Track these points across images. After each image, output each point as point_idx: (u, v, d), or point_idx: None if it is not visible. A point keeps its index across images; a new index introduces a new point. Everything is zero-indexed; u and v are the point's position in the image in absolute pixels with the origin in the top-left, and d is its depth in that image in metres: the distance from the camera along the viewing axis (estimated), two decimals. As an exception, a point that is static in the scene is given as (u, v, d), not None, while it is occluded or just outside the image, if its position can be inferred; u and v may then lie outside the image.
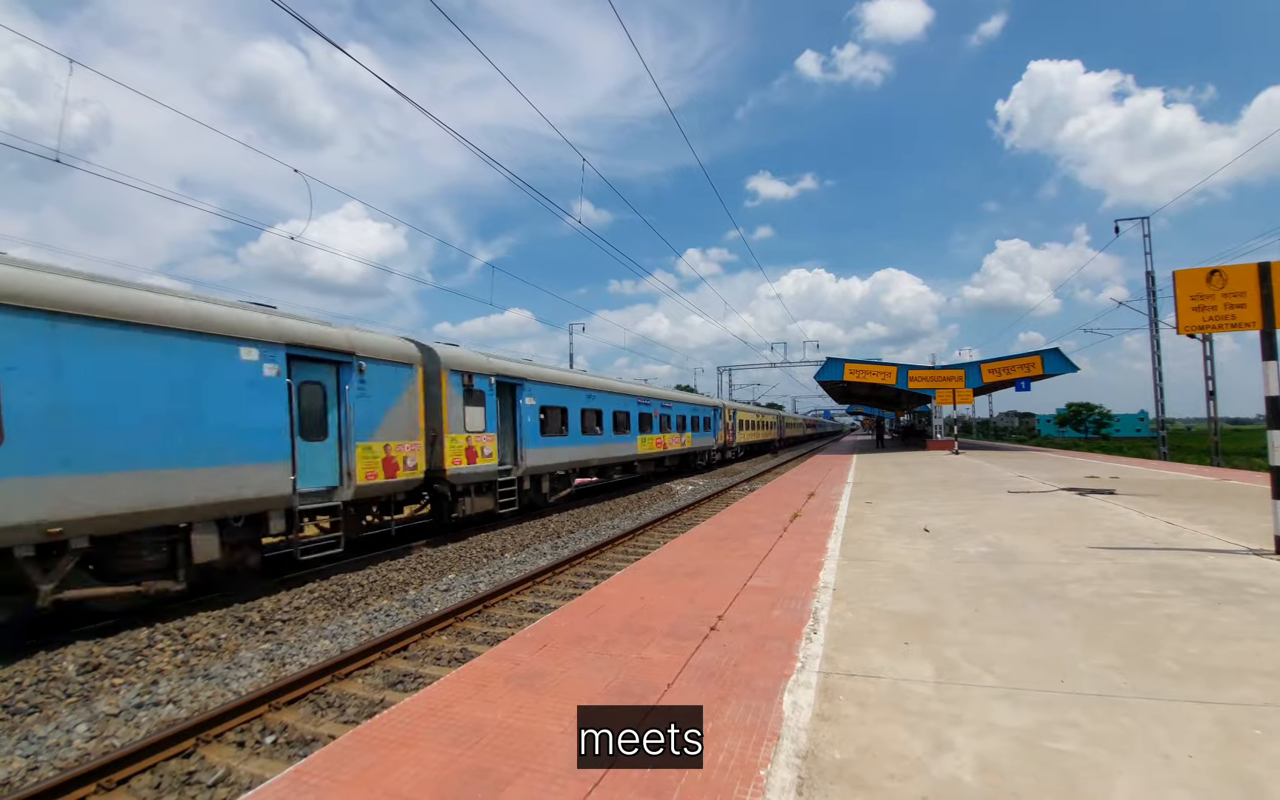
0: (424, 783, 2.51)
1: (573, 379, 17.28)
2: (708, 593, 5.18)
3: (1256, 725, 2.68)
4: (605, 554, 10.68)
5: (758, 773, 2.48)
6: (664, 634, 4.20)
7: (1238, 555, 5.81)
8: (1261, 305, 5.73)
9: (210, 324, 7.51)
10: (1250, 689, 3.02)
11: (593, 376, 20.02)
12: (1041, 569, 5.52)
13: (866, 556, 6.31)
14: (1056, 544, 6.56)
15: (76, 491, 6.15)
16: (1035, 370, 26.42)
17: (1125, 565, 5.55)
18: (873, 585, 5.19)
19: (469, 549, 10.93)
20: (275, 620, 7.10)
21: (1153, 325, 25.26)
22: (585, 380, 18.28)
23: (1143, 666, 3.33)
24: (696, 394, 35.36)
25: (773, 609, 4.63)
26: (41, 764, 4.28)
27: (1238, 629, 3.84)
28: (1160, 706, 2.88)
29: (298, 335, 8.63)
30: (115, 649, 6.06)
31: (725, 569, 6.01)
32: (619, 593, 5.35)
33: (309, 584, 8.46)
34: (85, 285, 6.43)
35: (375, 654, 6.02)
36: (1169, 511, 8.57)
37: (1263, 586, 4.74)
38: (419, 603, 7.95)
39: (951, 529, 7.70)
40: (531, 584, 8.63)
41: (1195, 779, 2.32)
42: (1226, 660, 3.38)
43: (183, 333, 7.19)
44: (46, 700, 5.14)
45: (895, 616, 4.34)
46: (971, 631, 3.98)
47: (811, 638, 3.99)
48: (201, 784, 4.04)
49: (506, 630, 6.75)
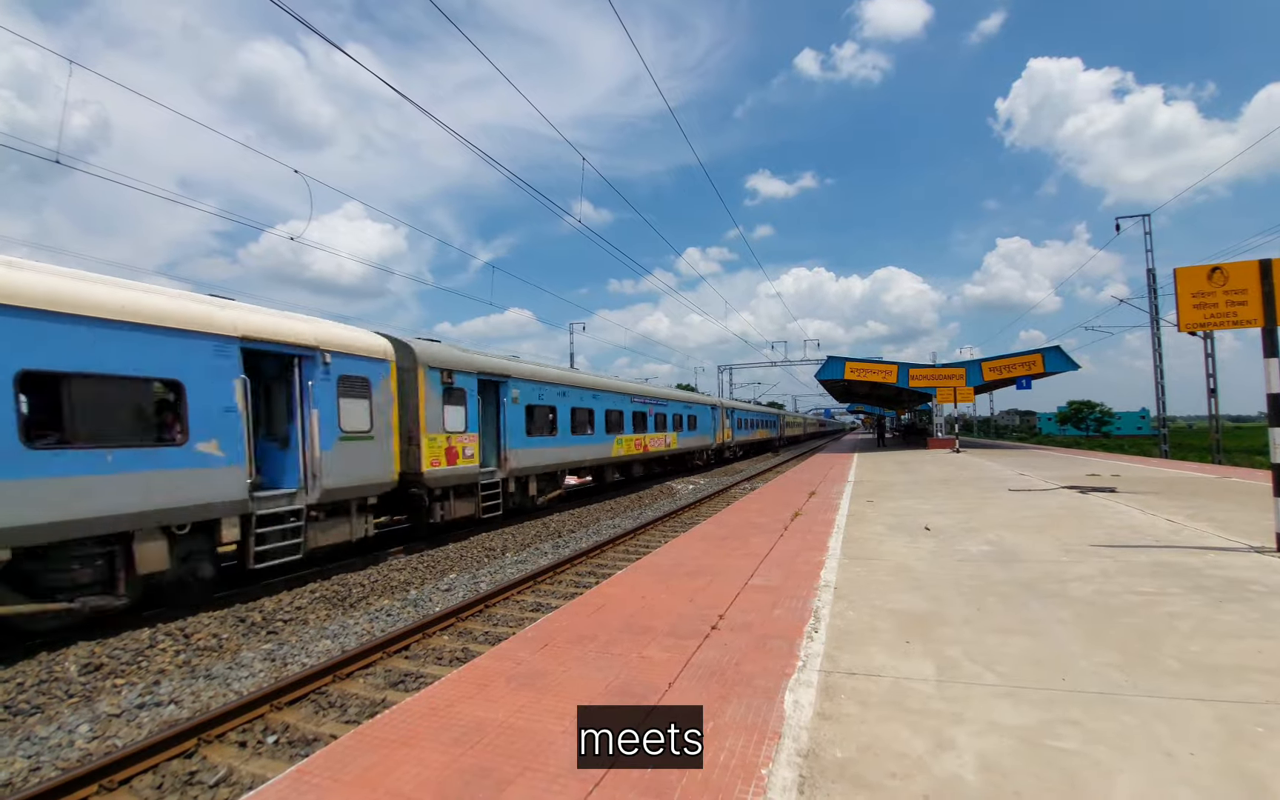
0: (426, 782, 2.51)
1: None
2: (709, 592, 5.18)
3: (1259, 723, 2.67)
4: (606, 553, 10.68)
5: (759, 772, 2.47)
6: (665, 633, 4.20)
7: (1239, 553, 5.80)
8: (1263, 302, 5.72)
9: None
10: (1252, 687, 3.02)
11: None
12: (1043, 567, 5.51)
13: (868, 555, 6.30)
14: (1058, 542, 6.55)
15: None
16: (1036, 368, 26.41)
17: (1127, 563, 5.54)
18: (874, 584, 5.19)
19: (470, 549, 10.94)
20: (277, 620, 7.10)
21: (1154, 323, 25.24)
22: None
23: (1144, 664, 3.32)
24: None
25: (774, 608, 4.63)
26: (44, 764, 4.28)
27: (1240, 627, 3.84)
28: (1162, 704, 2.87)
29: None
30: (117, 649, 6.06)
31: (726, 568, 6.01)
32: (620, 592, 5.35)
33: (310, 584, 8.46)
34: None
35: (377, 654, 6.03)
36: (1170, 509, 8.56)
37: (1264, 584, 4.73)
38: (420, 602, 7.96)
39: (953, 527, 7.69)
40: (533, 583, 8.63)
41: (1198, 777, 2.31)
42: (1228, 658, 3.37)
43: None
44: (48, 700, 5.14)
45: (897, 615, 4.34)
46: (973, 630, 3.98)
47: (813, 636, 3.98)
48: (203, 784, 4.04)
49: (508, 629, 6.75)
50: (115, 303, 6.65)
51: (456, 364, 11.99)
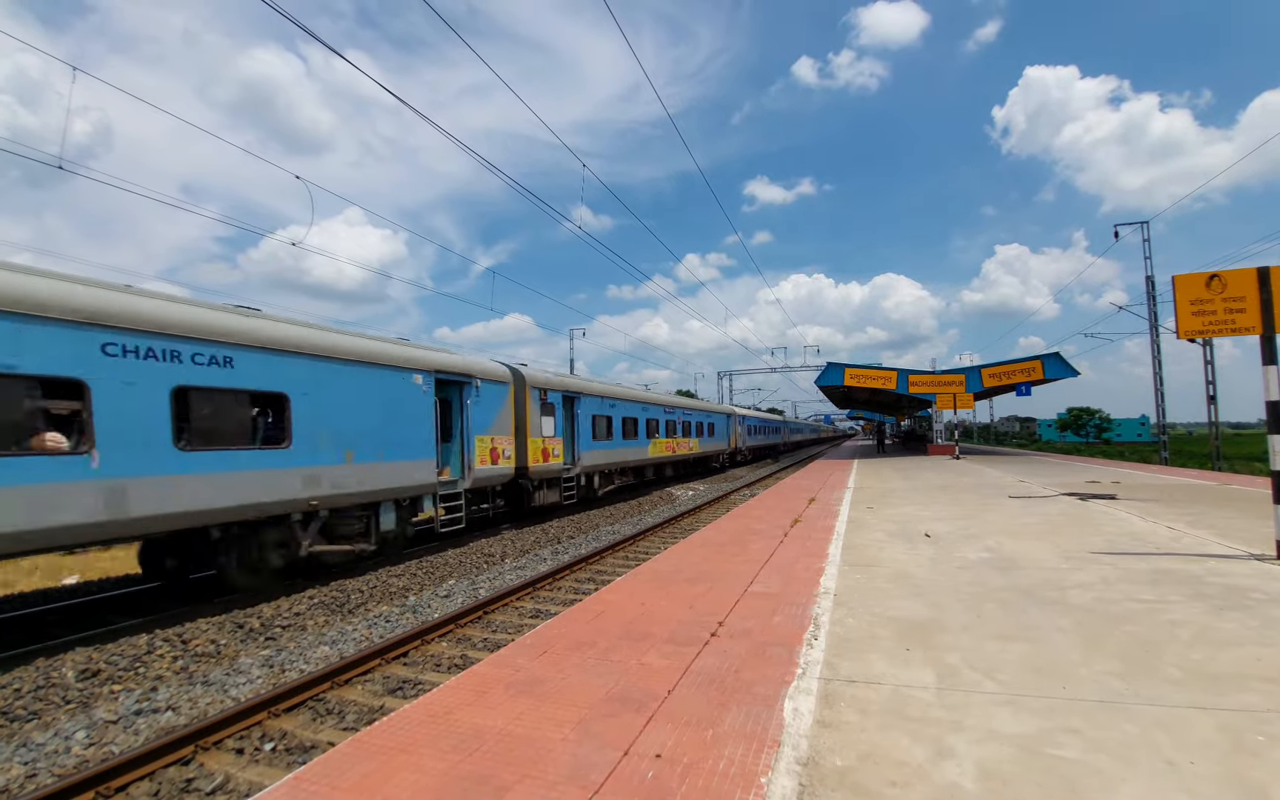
0: (424, 789, 2.50)
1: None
2: (708, 598, 5.17)
3: (1260, 732, 2.66)
4: (606, 559, 10.65)
5: (758, 779, 2.47)
6: (664, 640, 4.19)
7: (1239, 560, 5.79)
8: (1261, 310, 5.73)
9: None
10: (1253, 695, 3.01)
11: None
12: (1043, 575, 5.50)
13: (867, 562, 6.29)
14: (1058, 549, 6.54)
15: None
16: (1036, 375, 26.40)
17: (1127, 571, 5.53)
18: (874, 591, 5.18)
19: (469, 555, 10.92)
20: (275, 626, 7.08)
21: (1153, 330, 25.26)
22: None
23: (1145, 673, 3.32)
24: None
25: (773, 615, 4.62)
26: (40, 771, 4.26)
27: (1240, 635, 3.83)
28: (1163, 713, 2.87)
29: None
30: (114, 655, 6.04)
31: (726, 574, 6.00)
32: (619, 599, 5.33)
33: (309, 590, 8.45)
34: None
35: (375, 660, 6.01)
36: (1170, 516, 8.55)
37: (1265, 592, 4.72)
38: (419, 609, 7.94)
39: (952, 534, 7.68)
40: (532, 590, 8.61)
41: (1199, 786, 2.30)
42: (1229, 666, 3.36)
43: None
44: (45, 707, 5.12)
45: (896, 622, 4.33)
46: (973, 637, 3.97)
47: (812, 644, 3.98)
48: (200, 791, 4.02)
49: (507, 636, 6.73)
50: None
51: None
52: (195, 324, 7.49)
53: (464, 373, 12.08)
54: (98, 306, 6.51)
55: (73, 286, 6.41)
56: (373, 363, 9.84)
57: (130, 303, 6.87)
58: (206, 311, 7.80)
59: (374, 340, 10.27)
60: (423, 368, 10.90)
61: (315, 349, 8.90)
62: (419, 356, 10.95)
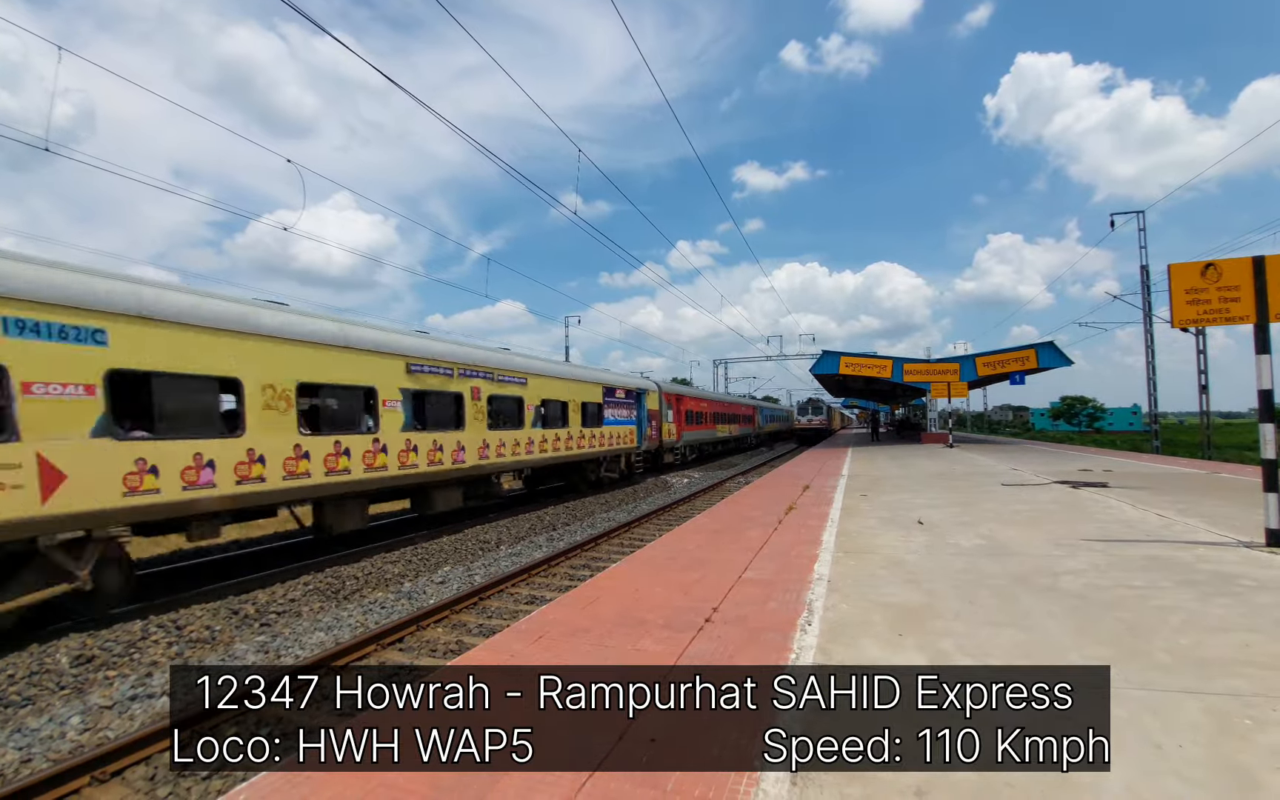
0: (420, 773, 2.51)
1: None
2: (703, 585, 5.19)
3: (1247, 715, 2.70)
4: (601, 546, 10.68)
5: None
6: (659, 626, 4.20)
7: (1229, 548, 5.85)
8: (1255, 299, 5.75)
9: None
10: (1240, 679, 3.05)
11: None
12: (1035, 561, 5.55)
13: (861, 549, 6.33)
14: (1050, 536, 6.60)
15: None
16: (1029, 364, 26.51)
17: (1118, 557, 5.59)
18: (867, 577, 5.21)
19: (464, 541, 10.92)
20: (270, 612, 7.08)
21: (1146, 319, 25.37)
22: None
23: (1135, 657, 3.35)
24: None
25: (768, 601, 4.65)
26: (34, 756, 4.26)
27: (1229, 620, 3.88)
28: (1152, 697, 2.90)
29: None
30: (109, 641, 6.03)
31: (720, 561, 6.02)
32: (615, 585, 5.35)
33: (304, 576, 8.44)
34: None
35: (370, 645, 6.01)
36: (1161, 504, 8.64)
37: (1253, 578, 4.78)
38: (414, 595, 7.95)
39: (946, 521, 7.73)
40: (527, 576, 8.63)
41: (1187, 769, 2.34)
42: (1217, 651, 3.41)
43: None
44: (39, 692, 5.11)
45: (890, 608, 4.36)
46: (965, 623, 4.00)
47: (806, 629, 4.00)
48: (195, 776, 4.03)
49: (502, 622, 6.75)
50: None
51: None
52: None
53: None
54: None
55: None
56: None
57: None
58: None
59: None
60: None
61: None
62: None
